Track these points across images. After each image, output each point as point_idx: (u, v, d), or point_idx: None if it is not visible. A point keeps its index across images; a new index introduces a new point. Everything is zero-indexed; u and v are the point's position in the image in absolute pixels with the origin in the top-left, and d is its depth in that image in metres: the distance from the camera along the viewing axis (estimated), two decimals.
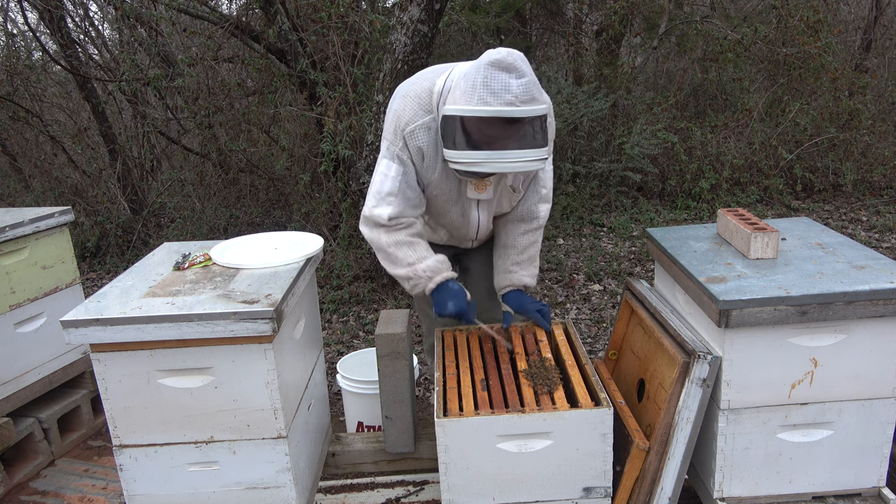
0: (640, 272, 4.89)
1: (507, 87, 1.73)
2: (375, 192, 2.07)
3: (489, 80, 1.73)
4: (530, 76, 1.77)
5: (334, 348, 4.00)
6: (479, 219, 2.21)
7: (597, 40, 7.38)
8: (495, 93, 1.73)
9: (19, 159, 6.79)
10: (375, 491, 2.37)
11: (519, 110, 1.74)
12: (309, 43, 4.86)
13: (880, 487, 1.88)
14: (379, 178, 2.06)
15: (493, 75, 1.73)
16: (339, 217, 5.13)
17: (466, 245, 2.38)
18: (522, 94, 1.74)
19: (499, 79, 1.73)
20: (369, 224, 2.11)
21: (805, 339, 1.75)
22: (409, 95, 2.01)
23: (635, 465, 1.83)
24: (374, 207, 2.07)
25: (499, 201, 2.19)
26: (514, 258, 2.24)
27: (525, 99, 1.74)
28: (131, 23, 5.55)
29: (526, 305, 2.22)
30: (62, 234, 2.85)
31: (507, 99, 1.73)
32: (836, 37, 6.84)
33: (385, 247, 2.09)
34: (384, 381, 2.20)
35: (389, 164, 2.04)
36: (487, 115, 1.74)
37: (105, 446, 2.90)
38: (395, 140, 2.01)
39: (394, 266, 2.11)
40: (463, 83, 1.80)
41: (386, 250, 2.09)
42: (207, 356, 1.75)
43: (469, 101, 1.76)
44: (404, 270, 2.09)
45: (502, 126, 1.76)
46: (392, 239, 2.08)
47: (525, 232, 2.25)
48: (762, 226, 1.97)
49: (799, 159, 6.30)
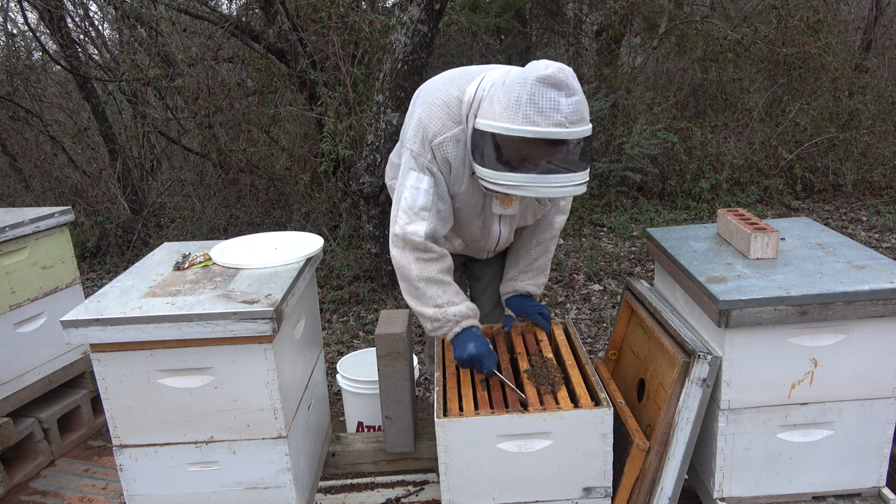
0: (640, 272, 4.89)
1: (557, 107, 1.59)
2: (407, 207, 1.90)
3: (537, 98, 1.59)
4: (580, 95, 1.64)
5: (334, 348, 4.00)
6: (501, 232, 2.13)
7: (597, 40, 7.38)
8: (543, 112, 1.59)
9: (19, 159, 6.79)
10: (375, 491, 2.37)
11: (567, 132, 1.60)
12: (309, 43, 4.86)
13: (880, 487, 1.88)
14: (410, 192, 1.90)
15: (543, 92, 1.59)
16: (339, 217, 5.13)
17: (482, 256, 2.31)
18: (572, 114, 1.60)
19: (548, 96, 1.59)
20: (402, 244, 1.93)
21: (805, 339, 1.75)
22: (435, 104, 1.87)
23: (635, 465, 1.83)
24: (408, 224, 1.90)
25: (523, 215, 2.12)
26: (524, 267, 2.22)
27: (574, 119, 1.61)
28: (131, 23, 5.55)
29: (527, 309, 2.22)
30: (62, 234, 2.85)
31: (557, 119, 1.59)
32: (836, 37, 6.84)
33: (415, 280, 1.93)
34: (384, 381, 2.20)
35: (420, 177, 1.89)
36: (533, 136, 1.60)
37: (105, 446, 2.90)
38: (423, 151, 1.88)
39: (419, 303, 1.95)
40: (504, 96, 1.65)
41: (415, 284, 1.93)
42: (207, 356, 1.75)
43: (513, 118, 1.62)
44: (431, 311, 1.94)
45: (547, 148, 1.64)
46: (423, 273, 1.92)
47: (538, 243, 2.21)
48: (762, 226, 1.97)
49: (799, 159, 6.30)
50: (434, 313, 1.94)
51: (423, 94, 1.95)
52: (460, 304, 1.95)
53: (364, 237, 4.67)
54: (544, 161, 1.68)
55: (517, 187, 1.69)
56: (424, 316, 1.96)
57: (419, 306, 1.96)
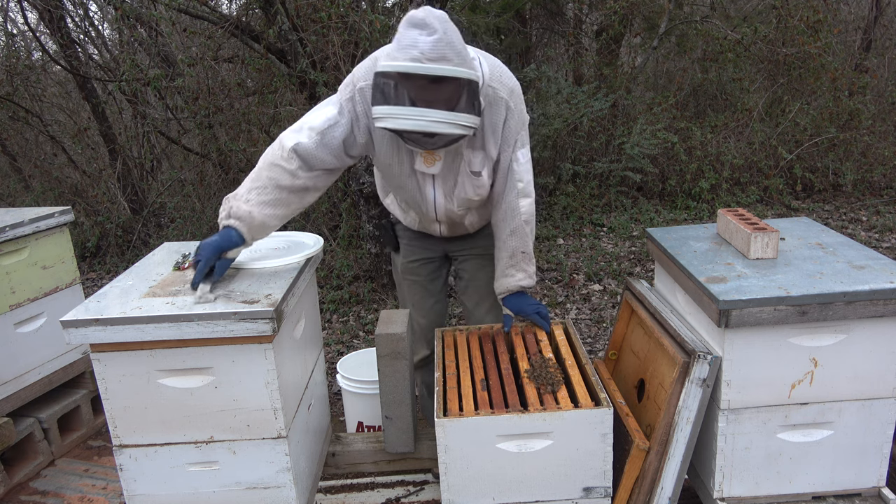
0: (640, 272, 4.89)
1: (415, 44, 1.69)
2: (301, 121, 1.98)
3: (401, 37, 1.71)
4: (442, 34, 1.70)
5: (334, 348, 4.01)
6: (436, 197, 2.15)
7: (597, 40, 7.38)
8: (403, 48, 1.70)
9: (19, 159, 6.79)
10: (375, 491, 2.37)
11: (422, 67, 1.68)
12: (309, 43, 4.85)
13: (880, 487, 1.88)
14: (313, 112, 1.99)
15: (405, 32, 1.71)
16: (339, 217, 5.13)
17: (435, 229, 2.32)
18: (430, 51, 1.68)
19: (408, 35, 1.70)
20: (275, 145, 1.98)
21: (805, 339, 1.75)
22: (370, 58, 1.99)
23: (635, 465, 1.83)
24: (290, 132, 1.97)
25: (461, 185, 2.10)
26: (507, 261, 2.20)
27: (433, 57, 1.69)
28: (131, 23, 5.55)
29: (524, 308, 2.21)
30: (62, 234, 2.85)
31: (413, 55, 1.69)
32: (836, 37, 6.84)
33: (262, 165, 1.96)
34: (384, 381, 2.20)
35: (328, 107, 1.98)
36: (390, 69, 1.71)
37: (105, 446, 2.90)
38: (344, 90, 1.98)
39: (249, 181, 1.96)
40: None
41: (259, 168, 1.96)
42: (207, 356, 1.75)
43: (385, 57, 1.75)
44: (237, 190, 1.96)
45: (409, 85, 1.72)
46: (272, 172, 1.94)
47: (512, 233, 2.17)
48: (762, 226, 1.97)
49: (799, 159, 6.30)
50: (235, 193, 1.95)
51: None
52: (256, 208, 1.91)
53: (364, 237, 4.68)
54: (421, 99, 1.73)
55: (388, 118, 1.75)
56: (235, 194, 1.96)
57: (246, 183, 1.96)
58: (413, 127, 1.75)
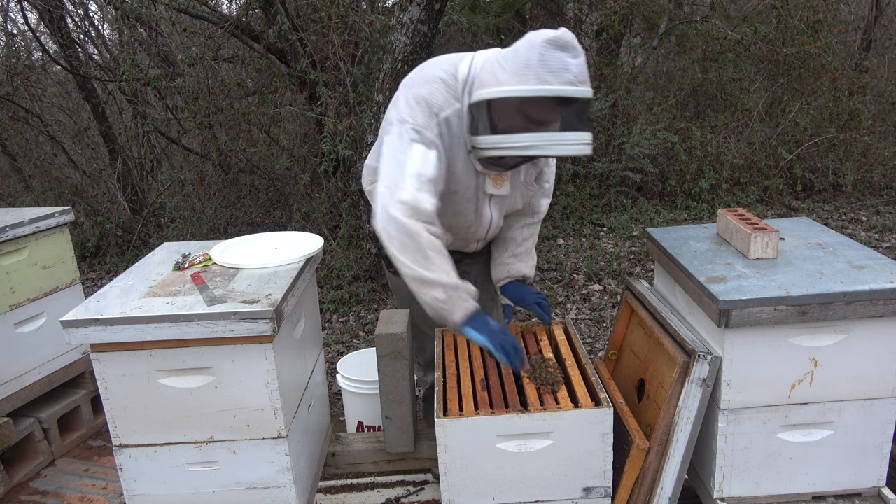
0: (640, 272, 4.89)
1: (567, 67, 1.64)
2: (417, 174, 1.76)
3: (547, 59, 1.64)
4: (584, 57, 1.69)
5: (334, 348, 4.00)
6: (492, 217, 2.11)
7: (597, 40, 7.38)
8: (554, 72, 1.63)
9: (19, 159, 6.79)
10: (375, 491, 2.37)
11: (578, 90, 1.65)
12: (309, 43, 4.86)
13: (880, 487, 1.88)
14: (419, 159, 1.77)
15: (552, 54, 1.64)
16: (339, 217, 5.13)
17: (471, 248, 2.29)
18: (580, 74, 1.66)
19: (557, 57, 1.64)
20: (411, 213, 1.75)
21: (805, 339, 1.75)
22: (434, 81, 1.85)
23: (635, 465, 1.83)
24: (419, 192, 1.75)
25: (513, 198, 2.11)
26: (513, 250, 2.21)
27: (582, 79, 1.67)
28: (131, 23, 5.55)
29: (525, 297, 2.20)
30: (62, 234, 2.85)
31: (567, 78, 1.64)
32: (836, 37, 6.84)
33: (426, 247, 1.75)
34: (384, 381, 2.20)
35: (427, 151, 1.79)
36: (547, 94, 1.64)
37: (105, 446, 2.90)
38: (429, 125, 1.82)
39: (428, 271, 1.75)
40: (510, 63, 1.69)
41: (426, 252, 1.75)
42: (207, 356, 1.75)
43: (524, 80, 1.65)
44: (446, 279, 1.76)
45: (556, 108, 1.69)
46: (435, 243, 1.77)
47: (525, 226, 2.22)
48: (762, 226, 1.97)
49: (799, 159, 6.30)
50: (449, 282, 1.76)
51: (416, 76, 1.91)
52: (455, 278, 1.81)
53: (364, 237, 4.67)
54: (552, 122, 1.72)
55: (530, 147, 1.72)
56: (436, 284, 1.76)
57: (429, 273, 1.75)
58: (569, 152, 1.73)
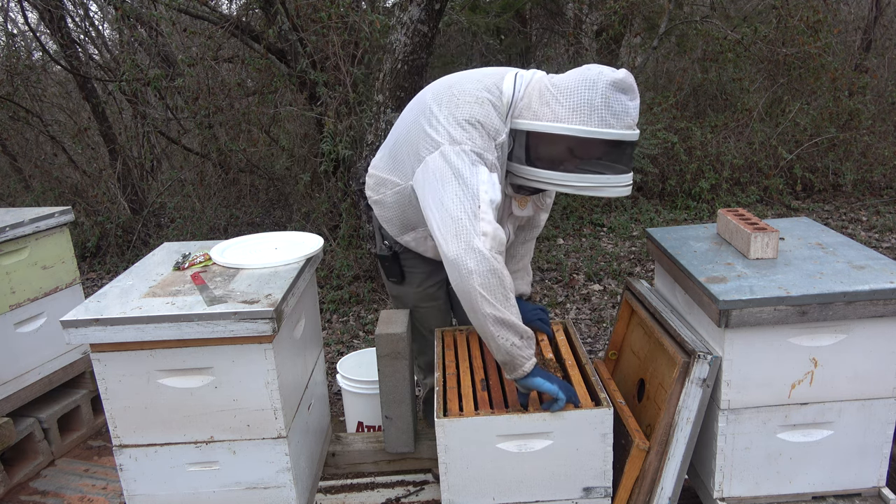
0: (640, 272, 4.89)
1: (628, 111, 1.70)
2: (489, 200, 1.69)
3: (612, 102, 1.68)
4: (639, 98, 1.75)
5: (334, 348, 4.01)
6: (510, 236, 2.12)
7: (597, 40, 7.38)
8: (617, 115, 1.69)
9: (19, 159, 6.79)
10: (375, 491, 2.37)
11: (635, 134, 1.72)
12: (309, 43, 4.85)
13: (880, 487, 1.88)
14: (488, 184, 1.71)
15: (616, 97, 1.69)
16: (339, 217, 5.13)
17: None
18: (636, 117, 1.73)
19: (620, 100, 1.69)
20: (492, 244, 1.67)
21: (805, 339, 1.75)
22: (484, 102, 1.80)
23: (635, 465, 1.83)
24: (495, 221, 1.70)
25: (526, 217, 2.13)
26: (512, 267, 2.22)
27: (637, 122, 1.74)
28: (131, 23, 5.55)
29: (527, 314, 2.20)
30: (62, 234, 2.85)
31: (628, 122, 1.69)
32: (836, 37, 6.84)
33: (508, 287, 1.68)
34: (384, 381, 2.20)
35: (491, 175, 1.74)
36: (610, 138, 1.69)
37: (105, 446, 2.90)
38: (488, 147, 1.77)
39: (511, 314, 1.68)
40: (569, 99, 1.71)
41: (507, 292, 1.68)
42: (207, 356, 1.75)
43: (586, 121, 1.69)
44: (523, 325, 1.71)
45: (608, 149, 1.73)
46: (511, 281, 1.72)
47: (524, 242, 2.25)
48: (762, 226, 1.97)
49: (799, 159, 6.30)
50: (525, 329, 1.72)
51: (456, 94, 1.84)
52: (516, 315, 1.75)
53: (364, 237, 4.67)
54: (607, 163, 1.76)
55: (586, 188, 1.76)
56: (516, 328, 1.70)
57: (512, 317, 1.69)
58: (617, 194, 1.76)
